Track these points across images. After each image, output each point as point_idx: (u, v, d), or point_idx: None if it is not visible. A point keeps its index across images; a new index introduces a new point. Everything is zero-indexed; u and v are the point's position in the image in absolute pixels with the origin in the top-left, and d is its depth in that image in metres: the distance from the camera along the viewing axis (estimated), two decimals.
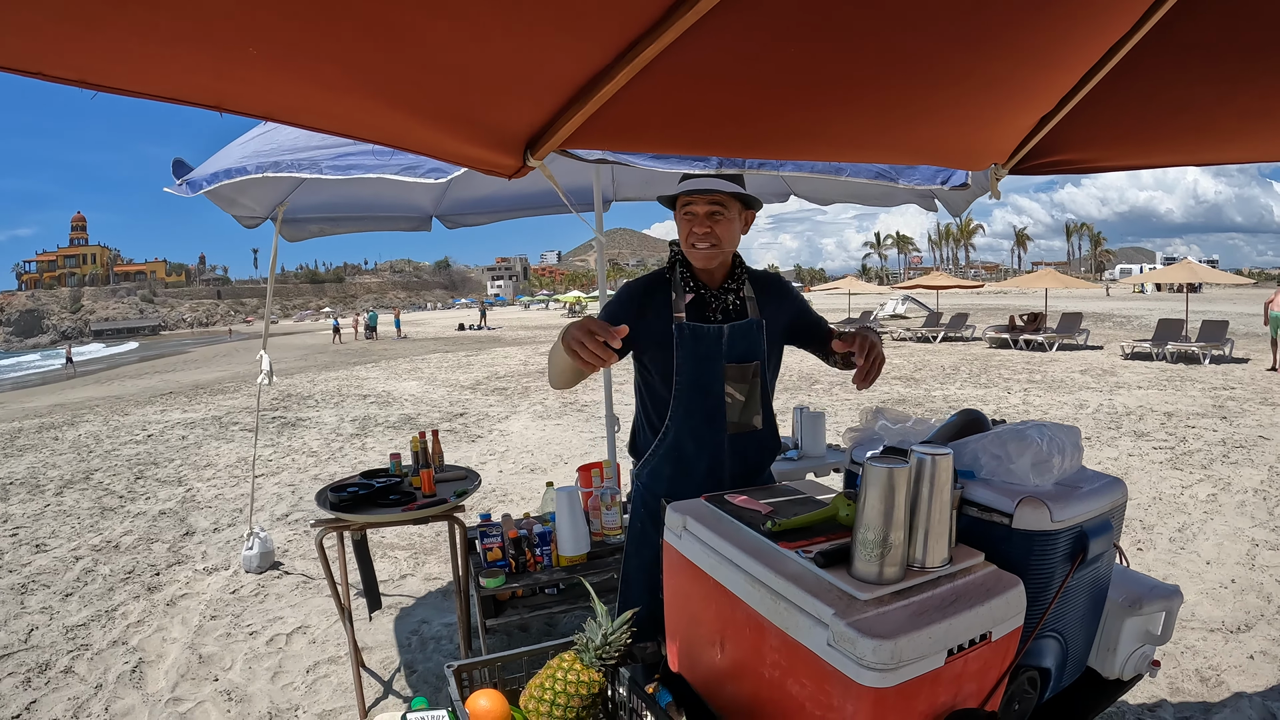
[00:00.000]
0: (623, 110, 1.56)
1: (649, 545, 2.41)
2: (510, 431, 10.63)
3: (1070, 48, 1.83)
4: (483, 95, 1.44)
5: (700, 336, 2.34)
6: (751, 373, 2.41)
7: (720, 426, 2.39)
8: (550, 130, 1.60)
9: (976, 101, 2.00)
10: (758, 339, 2.42)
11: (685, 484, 2.37)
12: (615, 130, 1.70)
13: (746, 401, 2.41)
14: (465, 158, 1.67)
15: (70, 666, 4.10)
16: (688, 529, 1.87)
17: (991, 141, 2.28)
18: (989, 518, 1.92)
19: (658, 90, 1.52)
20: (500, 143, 1.64)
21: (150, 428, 12.60)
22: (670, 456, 2.41)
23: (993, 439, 2.02)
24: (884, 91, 1.81)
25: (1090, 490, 2.05)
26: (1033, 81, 1.97)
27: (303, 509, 7.07)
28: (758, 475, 2.49)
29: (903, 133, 2.13)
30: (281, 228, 4.39)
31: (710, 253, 2.34)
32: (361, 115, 1.45)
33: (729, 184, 2.32)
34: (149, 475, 8.86)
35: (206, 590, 5.14)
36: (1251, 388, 12.94)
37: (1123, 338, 23.41)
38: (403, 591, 4.96)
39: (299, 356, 29.86)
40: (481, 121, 1.52)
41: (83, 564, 5.78)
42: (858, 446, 2.36)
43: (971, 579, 1.64)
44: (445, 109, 1.47)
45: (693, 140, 2.05)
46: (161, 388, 20.51)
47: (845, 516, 1.78)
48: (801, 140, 2.13)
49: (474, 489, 3.63)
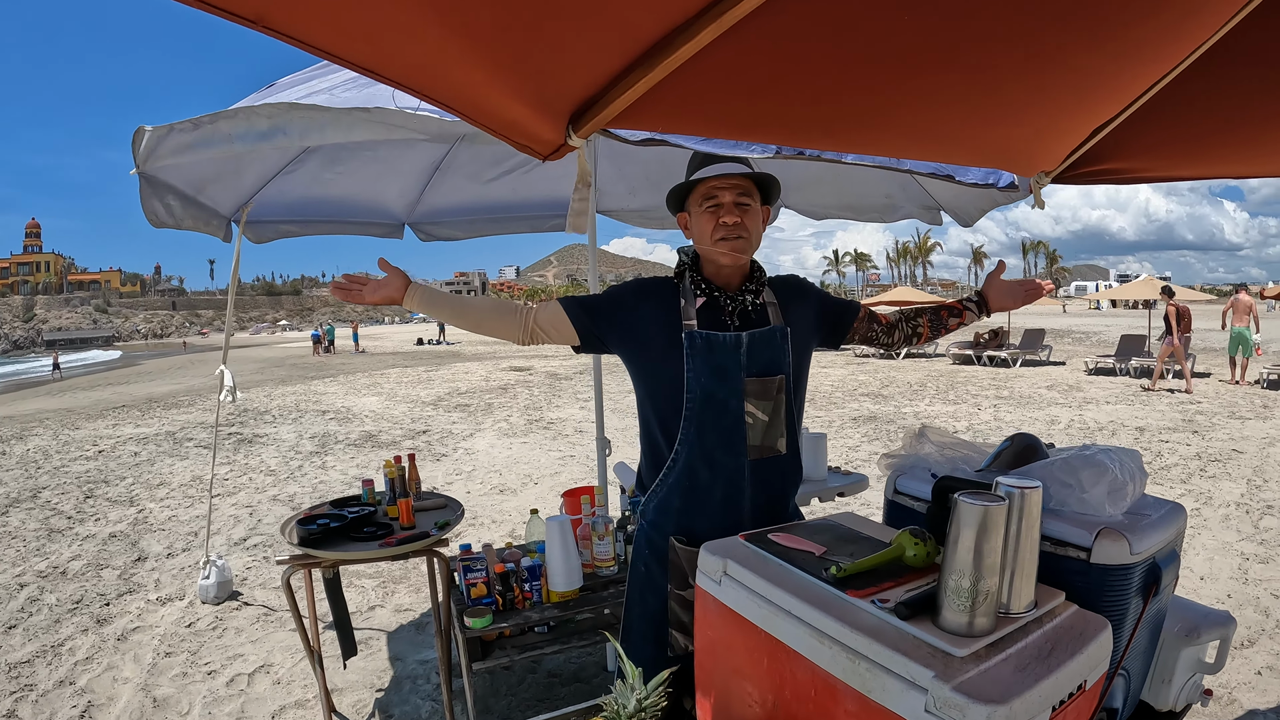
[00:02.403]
0: (692, 79, 1.30)
1: (655, 592, 2.13)
2: (476, 450, 10.31)
3: (1148, 53, 1.63)
4: (542, 40, 1.17)
5: (715, 345, 2.03)
6: (776, 388, 2.08)
7: (740, 450, 2.06)
8: (603, 100, 1.34)
9: (1041, 103, 1.79)
10: (782, 349, 2.11)
11: (699, 517, 2.08)
12: (676, 104, 1.43)
13: (770, 421, 2.08)
14: (504, 121, 1.40)
15: (13, 710, 3.74)
16: (729, 574, 1.63)
17: (1048, 147, 2.08)
18: (1063, 552, 1.74)
19: (739, 57, 1.27)
20: (546, 105, 1.36)
21: (101, 443, 12.10)
22: (680, 486, 2.08)
23: (1063, 466, 1.82)
24: (967, 83, 1.59)
25: (1159, 518, 1.90)
26: (1101, 87, 1.77)
27: (261, 532, 6.71)
28: (781, 507, 2.18)
29: (972, 129, 1.91)
30: (246, 229, 4.10)
31: (741, 246, 2.04)
32: (394, 36, 1.14)
33: (748, 168, 2.06)
34: (99, 494, 8.44)
35: (160, 623, 4.79)
36: (1218, 401, 13.02)
37: (1084, 353, 23.65)
38: (372, 625, 4.63)
39: (256, 370, 29.21)
40: (535, 73, 1.24)
41: (28, 592, 5.39)
42: (900, 475, 2.14)
43: (1059, 623, 1.46)
44: (499, 44, 1.18)
45: (763, 122, 1.80)
46: (115, 400, 19.82)
47: (913, 557, 1.56)
48: (870, 130, 1.88)
49: (457, 520, 3.34)
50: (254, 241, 4.25)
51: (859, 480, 3.96)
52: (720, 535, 1.86)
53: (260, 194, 3.89)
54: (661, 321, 2.07)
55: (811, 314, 2.25)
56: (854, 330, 2.36)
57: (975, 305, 2.41)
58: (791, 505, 2.23)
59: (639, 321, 2.09)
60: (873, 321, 2.39)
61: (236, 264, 4.36)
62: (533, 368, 23.67)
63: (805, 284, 2.31)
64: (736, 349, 2.04)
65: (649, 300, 2.12)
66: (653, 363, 2.08)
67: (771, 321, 2.12)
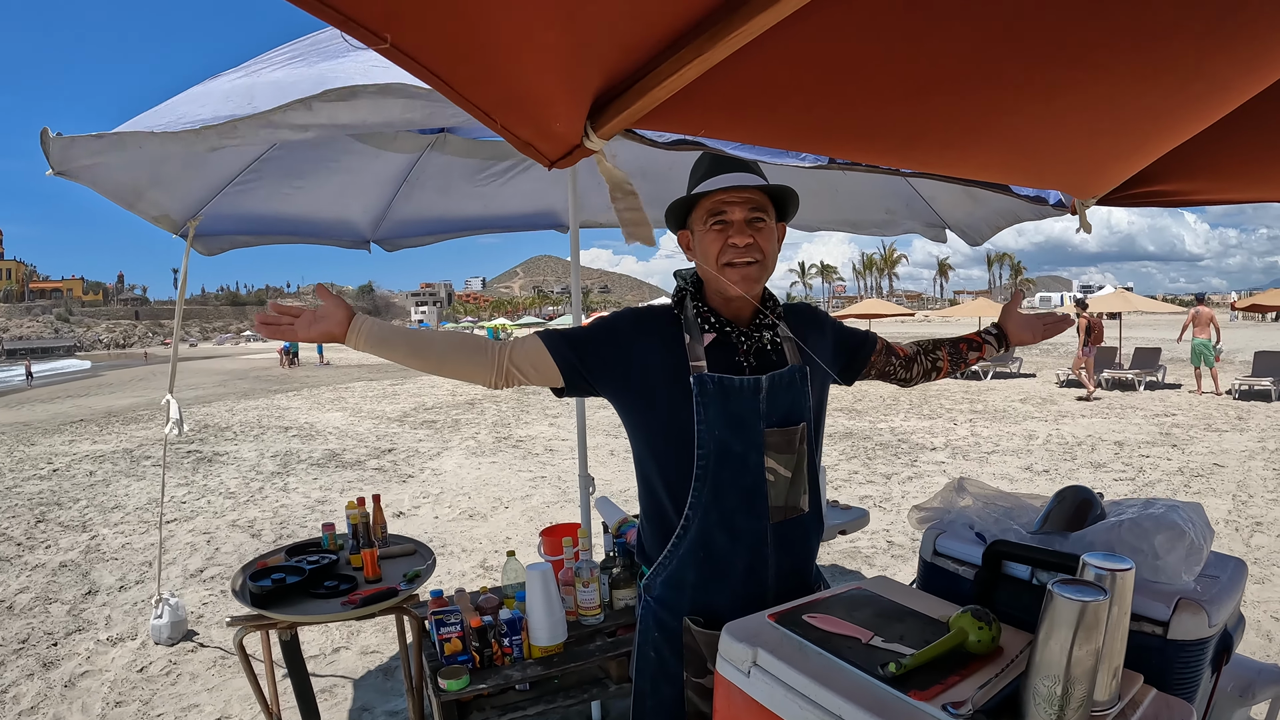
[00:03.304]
0: (740, 73, 1.03)
1: (669, 680, 1.83)
2: (443, 470, 9.98)
3: (1233, 84, 1.41)
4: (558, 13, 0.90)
5: (730, 391, 1.73)
6: (798, 438, 1.80)
7: (761, 513, 1.77)
8: (630, 95, 1.06)
9: (1118, 129, 1.56)
10: (802, 392, 1.82)
11: (718, 593, 1.79)
12: (720, 99, 1.17)
13: (793, 478, 1.80)
14: (518, 97, 1.11)
15: None
16: (760, 664, 1.37)
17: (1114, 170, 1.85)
18: (1135, 626, 1.51)
19: (793, 50, 1.02)
20: (566, 88, 1.08)
21: (56, 461, 11.68)
22: (695, 558, 1.78)
23: (1133, 529, 1.59)
24: (1056, 99, 1.34)
25: (1229, 580, 1.69)
26: (1174, 113, 1.53)
27: (219, 562, 6.37)
28: (806, 574, 1.91)
29: (1051, 148, 1.66)
30: (195, 241, 3.78)
31: (755, 273, 1.76)
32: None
33: (762, 178, 1.78)
34: (51, 518, 8.08)
35: (110, 666, 4.46)
36: (1192, 414, 13.01)
37: (1053, 364, 23.70)
38: (336, 670, 4.32)
39: (218, 382, 28.64)
40: (551, 50, 0.96)
41: None
42: (940, 534, 1.90)
43: (1143, 713, 1.27)
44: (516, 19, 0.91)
45: (809, 129, 1.52)
46: (73, 414, 19.25)
47: (977, 644, 1.32)
48: (948, 148, 1.62)
49: (428, 572, 3.04)
50: (205, 254, 3.94)
51: (860, 516, 3.72)
52: (742, 612, 1.63)
53: (212, 205, 3.58)
54: (664, 362, 1.78)
55: (829, 348, 1.99)
56: (871, 365, 2.10)
57: (995, 339, 2.20)
58: (815, 569, 1.96)
59: (637, 361, 1.80)
60: (890, 355, 2.12)
61: (184, 281, 4.05)
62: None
63: (819, 313, 2.04)
64: (755, 395, 1.76)
65: (648, 335, 1.81)
66: (655, 411, 1.79)
67: (789, 360, 1.84)
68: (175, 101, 2.36)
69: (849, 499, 7.56)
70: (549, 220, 4.74)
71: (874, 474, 8.93)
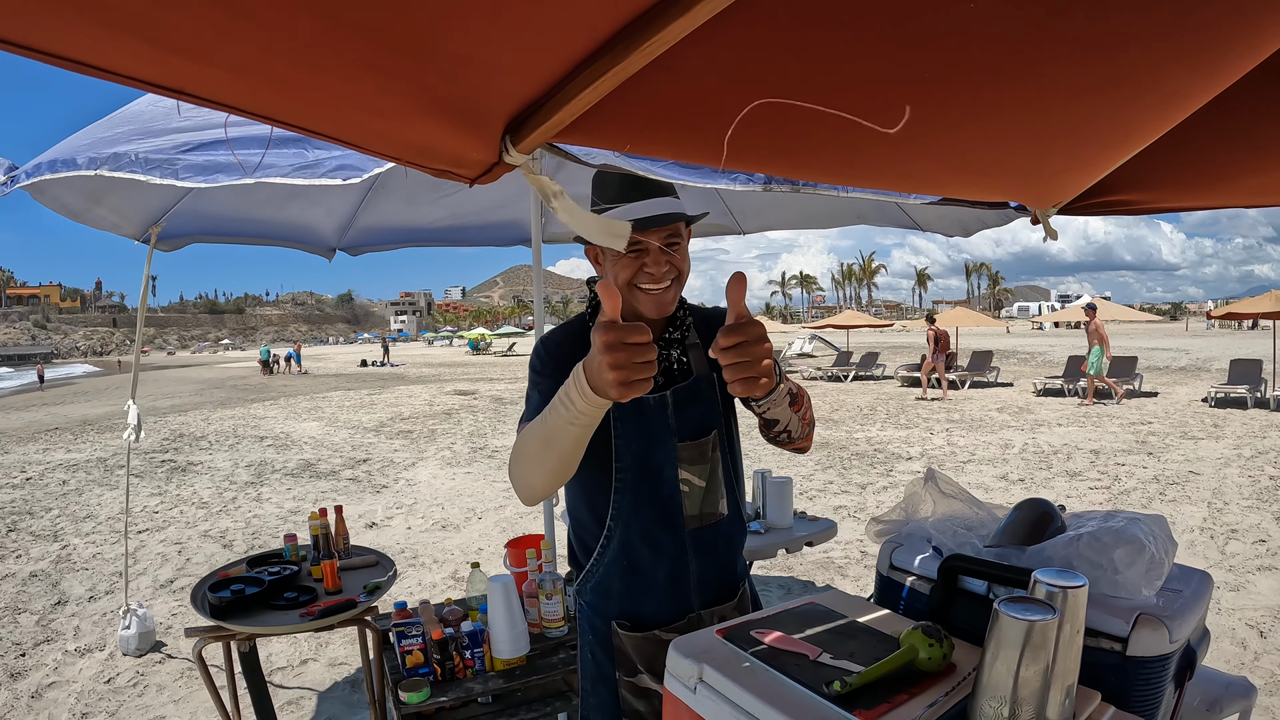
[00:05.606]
0: (663, 86, 1.00)
1: (606, 683, 1.83)
2: (418, 480, 9.92)
3: (1190, 93, 1.38)
4: (454, 28, 0.84)
5: (645, 408, 1.75)
6: (710, 447, 1.81)
7: (678, 524, 1.78)
8: (547, 109, 1.00)
9: (1079, 139, 1.53)
10: (710, 401, 1.82)
11: (644, 599, 1.79)
12: (642, 116, 1.12)
13: (707, 486, 1.81)
14: (419, 147, 1.08)
15: None
16: (706, 681, 1.34)
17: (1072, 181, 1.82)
18: (1093, 643, 1.49)
19: (719, 62, 0.99)
20: (471, 115, 1.02)
21: (30, 469, 11.57)
22: (619, 568, 1.79)
23: (1091, 544, 1.57)
24: (1012, 107, 1.31)
25: (1192, 594, 1.66)
26: (1134, 122, 1.50)
27: (190, 573, 6.29)
28: (730, 575, 1.89)
29: (1001, 162, 1.62)
30: (158, 242, 3.72)
31: (672, 293, 1.71)
32: (268, 66, 0.85)
33: (679, 203, 1.72)
34: (22, 527, 8.00)
35: (78, 678, 4.41)
36: (1168, 422, 13.08)
37: (1030, 374, 23.82)
38: (304, 682, 4.26)
39: (195, 391, 28.39)
40: (454, 70, 0.90)
41: None
42: (896, 548, 1.87)
43: None
44: (401, 45, 0.85)
45: (756, 151, 1.43)
46: (48, 422, 19.10)
47: (927, 660, 1.29)
48: (889, 165, 1.56)
49: (389, 583, 3.00)
50: (165, 251, 3.89)
51: (828, 527, 3.69)
52: (668, 617, 1.76)
53: (174, 210, 3.53)
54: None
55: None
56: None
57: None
58: (740, 566, 1.95)
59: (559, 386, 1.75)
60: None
61: (145, 290, 3.99)
62: (478, 391, 23.30)
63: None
64: (663, 411, 1.76)
65: (561, 361, 1.70)
66: None
67: (694, 370, 1.82)
68: (113, 135, 2.28)
69: (823, 509, 7.55)
70: (517, 233, 4.72)
71: (849, 484, 8.92)
